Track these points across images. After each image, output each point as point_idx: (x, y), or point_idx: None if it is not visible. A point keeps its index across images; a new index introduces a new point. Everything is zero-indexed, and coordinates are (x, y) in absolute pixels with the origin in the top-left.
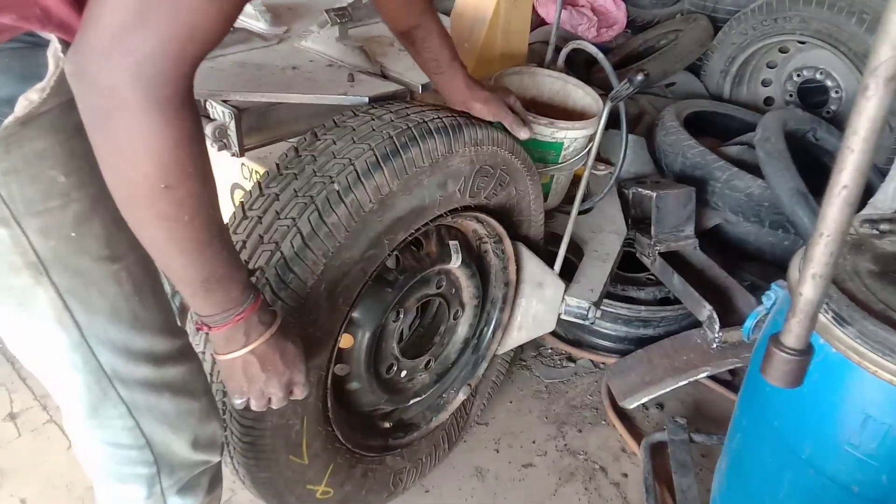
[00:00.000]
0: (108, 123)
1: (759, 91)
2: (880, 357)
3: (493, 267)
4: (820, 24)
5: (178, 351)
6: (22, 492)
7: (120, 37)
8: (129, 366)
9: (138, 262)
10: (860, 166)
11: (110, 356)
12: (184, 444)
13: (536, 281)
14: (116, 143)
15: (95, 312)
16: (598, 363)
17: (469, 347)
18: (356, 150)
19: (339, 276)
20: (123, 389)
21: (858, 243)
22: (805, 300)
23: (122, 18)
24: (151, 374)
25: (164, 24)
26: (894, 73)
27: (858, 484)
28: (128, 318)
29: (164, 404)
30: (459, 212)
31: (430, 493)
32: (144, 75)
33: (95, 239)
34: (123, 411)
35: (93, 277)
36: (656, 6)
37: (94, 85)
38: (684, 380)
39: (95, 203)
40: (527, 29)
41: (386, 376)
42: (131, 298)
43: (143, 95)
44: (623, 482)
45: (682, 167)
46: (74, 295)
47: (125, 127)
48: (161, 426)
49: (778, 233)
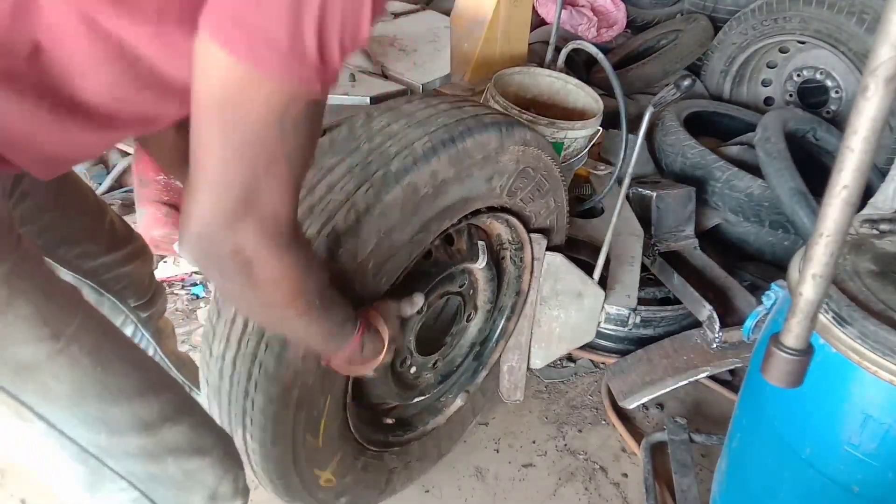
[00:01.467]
0: (243, 276)
1: (759, 91)
2: (880, 357)
3: (508, 274)
4: (820, 24)
5: (171, 408)
6: (22, 492)
7: (237, 214)
8: (115, 439)
9: (85, 326)
10: (860, 166)
11: (90, 435)
12: (200, 501)
13: (576, 291)
14: (257, 287)
15: (56, 398)
16: (598, 363)
17: (472, 353)
18: (413, 133)
19: (387, 256)
20: (117, 464)
21: (858, 243)
22: (805, 300)
23: (235, 199)
24: (146, 442)
25: (273, 195)
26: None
27: (858, 484)
28: (95, 392)
29: (170, 469)
30: (496, 211)
31: (430, 492)
32: (268, 234)
33: (26, 322)
34: (124, 485)
35: (39, 364)
36: (656, 6)
37: (224, 257)
38: (684, 380)
39: (10, 282)
40: (527, 29)
41: (399, 369)
42: (92, 371)
43: (270, 247)
44: (623, 482)
45: (682, 167)
46: (25, 389)
47: (262, 273)
48: (171, 491)
49: (778, 233)
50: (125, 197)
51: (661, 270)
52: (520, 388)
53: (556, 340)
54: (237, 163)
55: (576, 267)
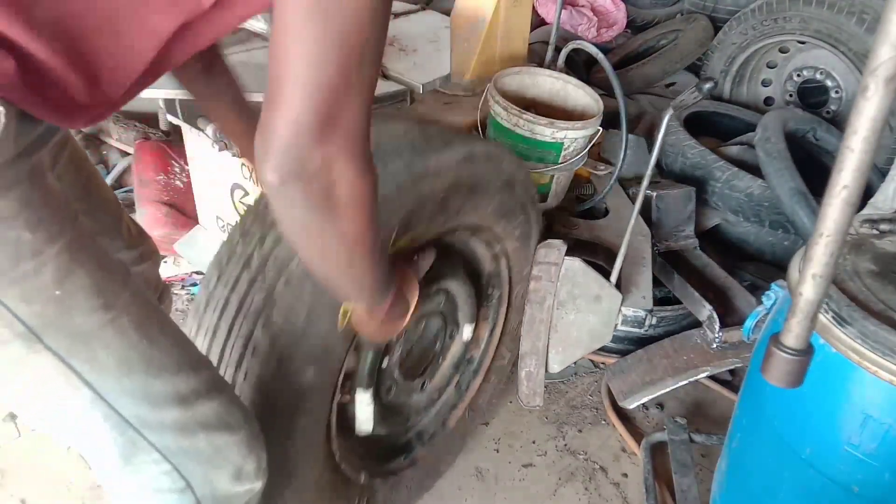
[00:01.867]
0: (328, 197)
1: (759, 91)
2: (880, 357)
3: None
4: (820, 24)
5: (205, 385)
6: (22, 492)
7: (326, 125)
8: (155, 412)
9: (134, 300)
10: (860, 166)
11: (132, 406)
12: (226, 478)
13: (594, 294)
14: (336, 212)
15: (104, 368)
16: (597, 363)
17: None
18: None
19: None
20: (153, 436)
21: (858, 243)
22: (805, 300)
23: (325, 108)
24: (181, 415)
25: (359, 102)
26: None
27: (858, 484)
28: (140, 364)
29: (200, 443)
30: None
31: (429, 492)
32: (356, 146)
33: (83, 291)
34: (157, 457)
35: (92, 333)
36: (656, 6)
37: (313, 174)
38: (684, 380)
39: (72, 252)
40: (527, 29)
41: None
42: (139, 343)
43: (357, 162)
44: (623, 482)
45: (682, 167)
46: (77, 356)
47: (347, 193)
48: (200, 465)
49: (778, 233)
50: (125, 197)
51: (662, 270)
52: (539, 394)
53: (574, 344)
54: (331, 59)
55: (594, 271)
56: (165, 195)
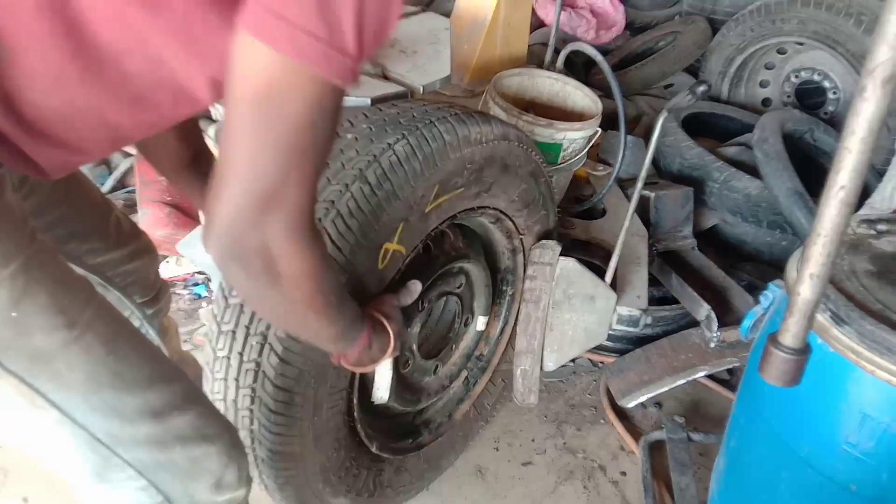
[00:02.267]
0: (268, 273)
1: (757, 92)
2: (878, 356)
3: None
4: (818, 26)
5: (180, 397)
6: (24, 490)
7: (264, 210)
8: (127, 427)
9: (99, 316)
10: (858, 167)
11: (102, 423)
12: (206, 489)
13: (588, 294)
14: (280, 284)
15: (70, 387)
16: (596, 362)
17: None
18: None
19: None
20: (126, 452)
21: (856, 243)
22: (802, 300)
23: (263, 195)
24: (154, 430)
25: (299, 190)
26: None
27: (856, 483)
28: (109, 380)
29: (176, 456)
30: None
31: (429, 491)
32: (294, 229)
33: (42, 311)
34: (132, 473)
35: (54, 352)
36: (655, 8)
37: (251, 253)
38: (682, 379)
39: (29, 271)
40: (526, 31)
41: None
42: (106, 359)
43: (296, 242)
44: (622, 481)
45: (680, 168)
46: (39, 376)
47: (285, 269)
48: (177, 478)
49: (775, 233)
50: (128, 197)
51: (660, 270)
52: (534, 392)
53: (569, 343)
54: (267, 156)
55: (588, 271)
56: (167, 195)
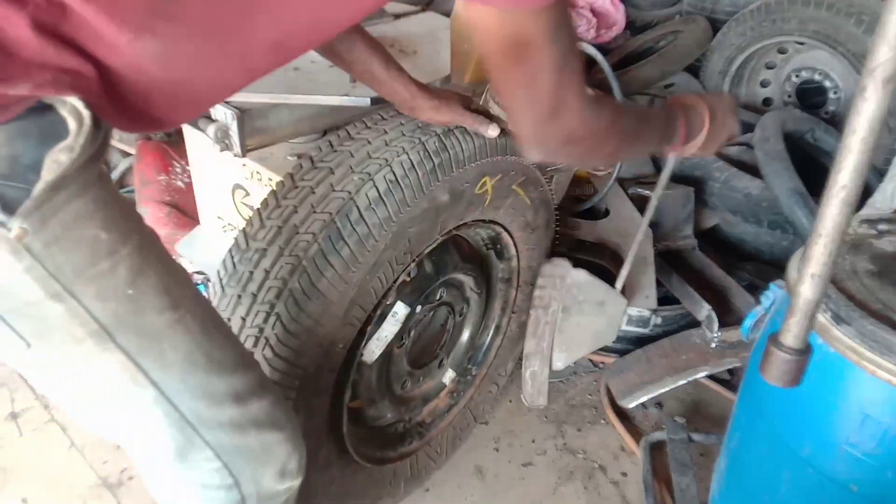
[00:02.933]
0: (583, 148)
1: (757, 92)
2: (879, 357)
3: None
4: (818, 25)
5: (257, 384)
6: (23, 491)
7: (554, 116)
8: (213, 409)
9: (196, 300)
10: (858, 166)
11: (192, 403)
12: (272, 476)
13: (598, 300)
14: (594, 149)
15: (170, 366)
16: (597, 363)
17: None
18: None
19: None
20: (209, 434)
21: (857, 243)
22: (803, 300)
23: (550, 107)
24: (236, 413)
25: (571, 87)
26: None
27: (857, 483)
28: (203, 362)
29: (251, 441)
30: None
31: (430, 492)
32: (582, 114)
33: (153, 290)
34: (210, 454)
35: (161, 332)
36: (655, 7)
37: (562, 146)
38: (683, 379)
39: (143, 251)
40: None
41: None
42: (202, 341)
43: (588, 122)
44: (622, 481)
45: (680, 167)
46: (146, 355)
47: (592, 141)
48: (249, 463)
49: (776, 233)
50: (127, 197)
51: (660, 270)
52: (543, 394)
53: (577, 345)
54: (537, 84)
55: (598, 280)
56: (167, 195)
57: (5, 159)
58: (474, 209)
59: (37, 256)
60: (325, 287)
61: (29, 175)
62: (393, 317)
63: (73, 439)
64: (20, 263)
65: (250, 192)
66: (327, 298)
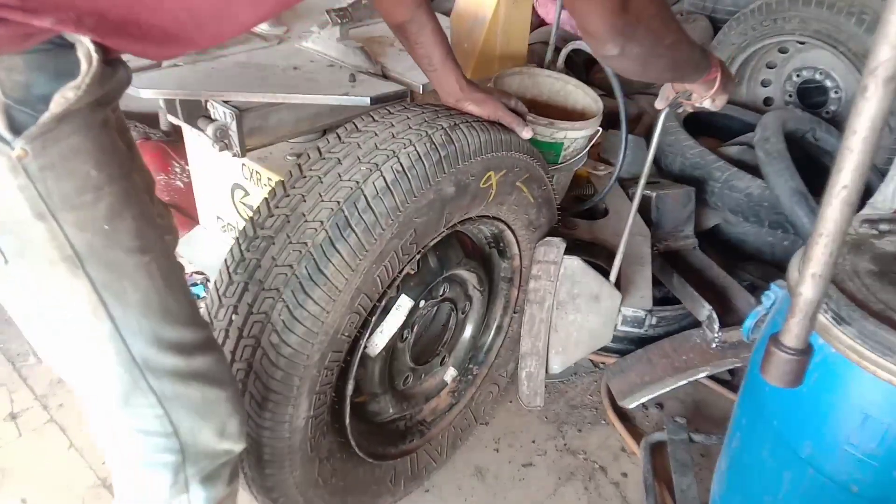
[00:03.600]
0: (654, 32)
1: (758, 91)
2: (879, 357)
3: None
4: (819, 25)
5: (204, 341)
6: (22, 491)
7: (622, 11)
8: (160, 356)
9: (164, 254)
10: (859, 166)
11: (142, 347)
12: (211, 432)
13: (593, 294)
14: (660, 32)
15: (129, 305)
16: (597, 363)
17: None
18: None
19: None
20: (154, 379)
21: (858, 243)
22: (804, 300)
23: (614, 8)
24: (181, 363)
25: None
26: (893, 74)
27: (858, 483)
28: (159, 309)
29: (193, 393)
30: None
31: (430, 492)
32: (645, 12)
33: (127, 231)
34: (153, 400)
35: (126, 270)
36: None
37: (634, 32)
38: (684, 379)
39: (125, 196)
40: (526, 29)
41: (401, 387)
42: (162, 290)
43: (655, 5)
44: (623, 482)
45: (681, 167)
46: (109, 288)
47: (657, 20)
48: (189, 414)
49: (777, 233)
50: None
51: (661, 270)
52: (539, 394)
53: (574, 345)
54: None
55: (593, 269)
56: (166, 195)
57: (21, 86)
58: (479, 203)
59: (32, 177)
60: (332, 273)
61: (39, 105)
62: (397, 309)
63: (73, 440)
64: (16, 181)
65: (249, 191)
66: (333, 285)
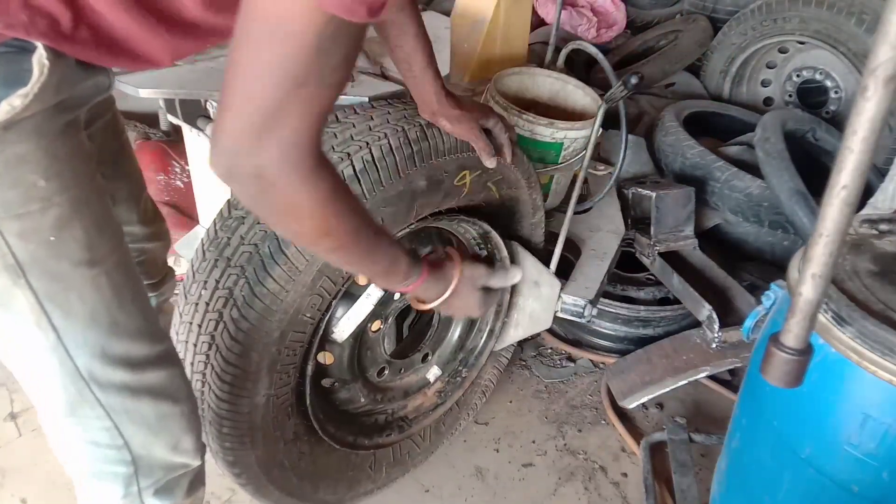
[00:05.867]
0: (266, 200)
1: (758, 91)
2: (880, 357)
3: None
4: (819, 25)
5: (157, 356)
6: (22, 491)
7: (260, 134)
8: (106, 370)
9: (119, 266)
10: (860, 166)
11: (87, 360)
12: (164, 447)
13: (533, 279)
14: (276, 211)
15: (73, 317)
16: (597, 363)
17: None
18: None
19: None
20: (100, 392)
21: (858, 243)
22: (804, 300)
23: (260, 119)
24: (129, 378)
25: (298, 119)
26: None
27: (858, 483)
28: (106, 323)
29: (144, 408)
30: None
31: (430, 492)
32: (289, 159)
33: (76, 243)
34: (101, 413)
35: (72, 282)
36: (656, 7)
37: (247, 176)
38: (684, 380)
39: (77, 206)
40: (527, 29)
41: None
42: (110, 304)
43: (290, 173)
44: (623, 482)
45: (681, 167)
46: (52, 299)
47: (281, 199)
48: (140, 429)
49: (777, 233)
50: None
51: (661, 270)
52: None
53: (513, 327)
54: (266, 77)
55: (532, 255)
56: (166, 195)
57: None
58: (451, 200)
59: None
60: (293, 254)
61: None
62: (366, 298)
63: None
64: None
65: None
66: (294, 265)
